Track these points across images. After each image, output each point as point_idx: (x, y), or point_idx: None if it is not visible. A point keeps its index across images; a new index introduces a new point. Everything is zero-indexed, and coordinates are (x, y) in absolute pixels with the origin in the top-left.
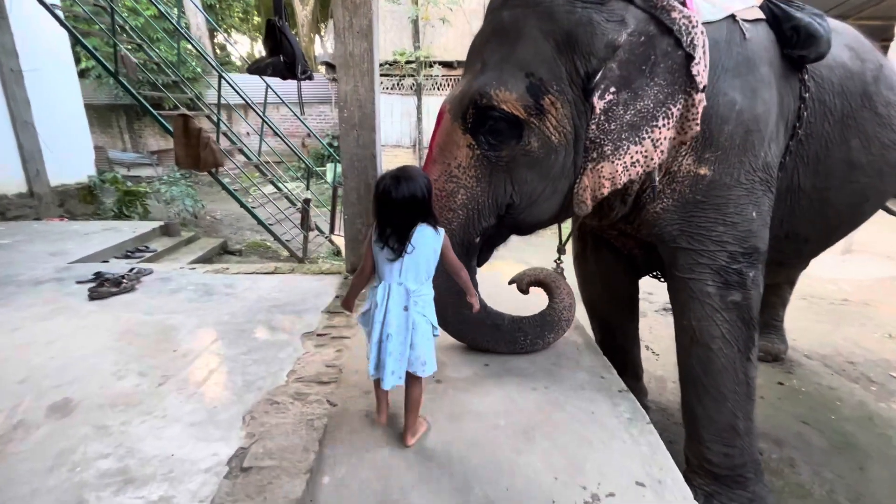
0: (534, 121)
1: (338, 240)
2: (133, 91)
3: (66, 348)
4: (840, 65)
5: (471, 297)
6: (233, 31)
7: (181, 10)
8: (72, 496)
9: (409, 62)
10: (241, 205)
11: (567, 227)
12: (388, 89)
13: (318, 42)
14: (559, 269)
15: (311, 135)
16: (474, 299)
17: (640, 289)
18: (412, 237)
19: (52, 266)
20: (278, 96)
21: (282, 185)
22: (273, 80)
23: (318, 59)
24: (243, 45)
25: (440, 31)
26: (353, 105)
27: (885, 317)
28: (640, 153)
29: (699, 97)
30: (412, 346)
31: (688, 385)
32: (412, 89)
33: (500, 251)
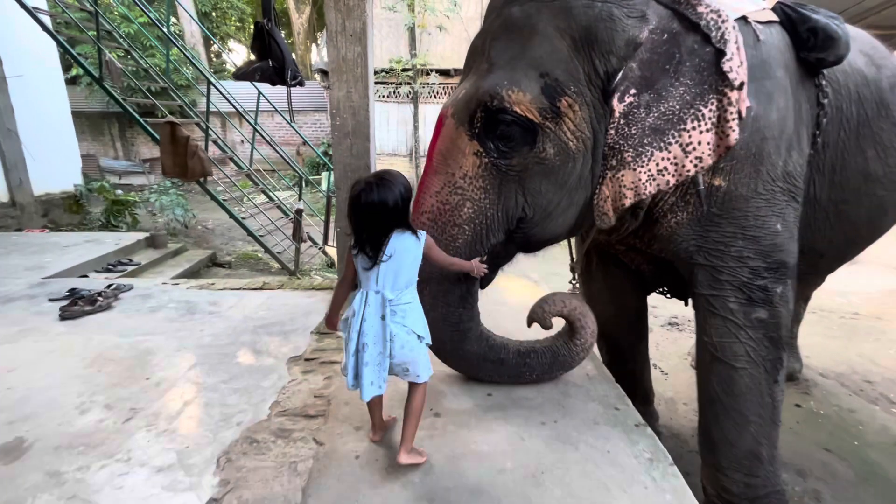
0: (549, 125)
1: (331, 251)
2: (117, 97)
3: (27, 377)
4: (856, 71)
5: (474, 271)
6: (229, 39)
7: (169, 17)
8: None
9: (405, 70)
10: (231, 215)
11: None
12: (384, 97)
13: (315, 50)
14: (575, 290)
15: (306, 143)
16: (477, 268)
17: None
18: (388, 244)
19: (25, 281)
20: (270, 104)
21: (274, 195)
22: (266, 87)
23: (314, 67)
24: (240, 54)
25: (437, 39)
26: (346, 112)
27: None
28: (668, 160)
29: (735, 95)
30: (391, 355)
31: (706, 406)
32: (409, 97)
33: None
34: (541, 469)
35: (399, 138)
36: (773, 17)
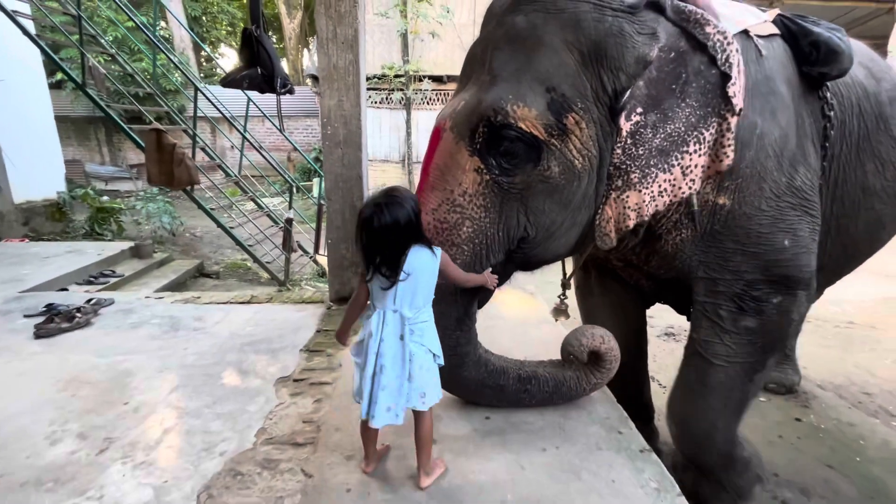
0: (555, 142)
1: (322, 260)
2: (100, 103)
3: None
4: (857, 83)
5: (489, 283)
6: (220, 44)
7: (157, 21)
8: None
9: (397, 76)
10: (219, 225)
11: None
12: (376, 103)
13: (307, 55)
14: (563, 306)
15: (296, 149)
16: (490, 280)
17: None
18: (405, 262)
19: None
20: (260, 110)
21: (263, 204)
22: (255, 93)
23: (305, 72)
24: (230, 58)
25: (430, 46)
26: (337, 121)
27: (894, 341)
28: (669, 181)
29: (735, 121)
30: (410, 377)
31: (679, 386)
32: (401, 103)
33: None
34: (542, 501)
35: (392, 144)
36: (775, 30)
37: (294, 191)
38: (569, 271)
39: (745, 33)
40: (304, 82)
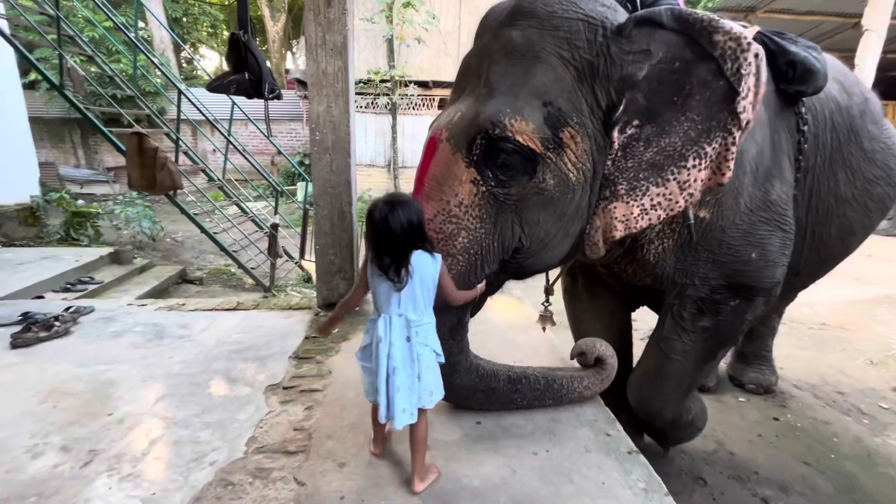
0: (550, 155)
1: (308, 265)
2: (79, 105)
3: None
4: (831, 98)
5: (478, 294)
6: (201, 45)
7: (136, 21)
8: None
9: (383, 81)
10: (202, 230)
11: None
12: (362, 108)
13: (290, 58)
14: (548, 314)
15: (280, 153)
16: (479, 289)
17: None
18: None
19: None
20: (245, 114)
21: (247, 208)
22: (240, 97)
23: (290, 76)
24: (211, 60)
25: (415, 51)
26: (325, 127)
27: (864, 342)
28: (663, 196)
29: (739, 135)
30: (419, 377)
31: (639, 367)
32: (387, 108)
33: None
34: None
35: (377, 149)
36: None
37: (279, 195)
38: (552, 278)
39: None
40: (288, 86)
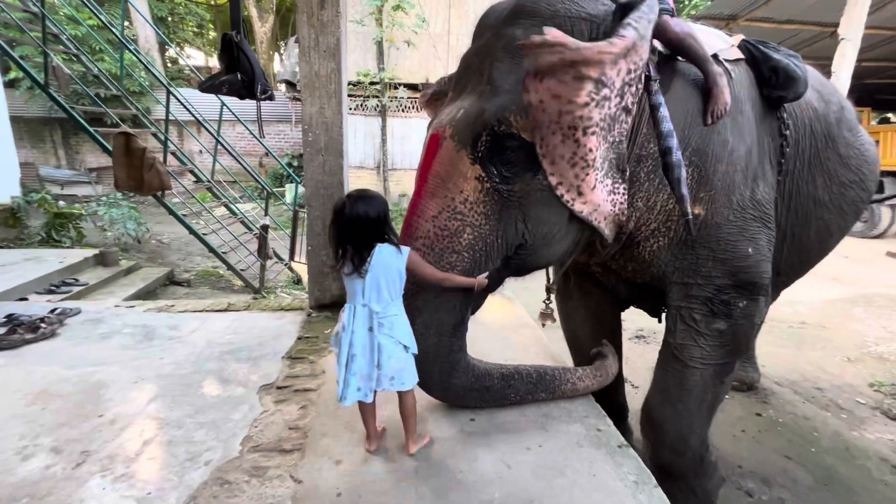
0: None
1: (298, 267)
2: (65, 105)
3: None
4: (810, 106)
5: (476, 286)
6: (186, 44)
7: (123, 19)
8: None
9: (373, 83)
10: (191, 231)
11: None
12: (351, 110)
13: (278, 59)
14: (549, 311)
15: (269, 154)
16: (479, 283)
17: None
18: (372, 258)
19: None
20: (234, 114)
21: (236, 209)
22: (228, 97)
23: (278, 77)
24: (197, 60)
25: (405, 54)
26: (318, 128)
27: (842, 340)
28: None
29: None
30: (379, 366)
31: (656, 392)
32: (376, 110)
33: None
34: (529, 498)
35: (366, 151)
36: (740, 54)
37: (269, 196)
38: (553, 276)
39: (715, 57)
40: (276, 87)
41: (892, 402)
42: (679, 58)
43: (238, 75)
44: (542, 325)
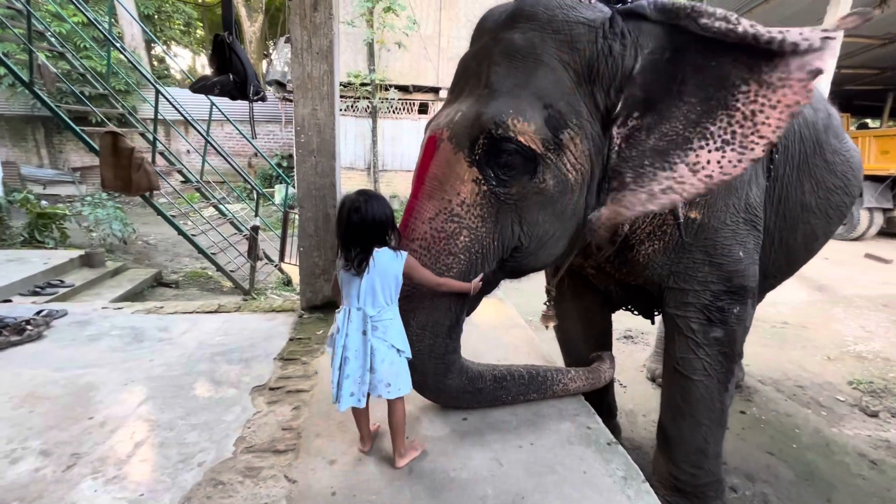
0: (551, 156)
1: (288, 268)
2: (51, 104)
3: None
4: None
5: (472, 291)
6: (173, 43)
7: (111, 16)
8: None
9: (363, 84)
10: (180, 232)
11: None
12: (342, 111)
13: (266, 60)
14: (550, 312)
15: (258, 154)
16: (475, 287)
17: None
18: (372, 260)
19: None
20: (223, 114)
21: (226, 210)
22: (218, 97)
23: (268, 77)
24: (184, 59)
25: (396, 56)
26: (311, 130)
27: (822, 339)
28: (673, 179)
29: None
30: (372, 369)
31: (666, 408)
32: (367, 111)
33: None
34: (521, 494)
35: (357, 152)
36: None
37: (259, 197)
38: (554, 279)
39: None
40: (266, 87)
41: (869, 400)
42: None
43: (230, 76)
44: (546, 326)
